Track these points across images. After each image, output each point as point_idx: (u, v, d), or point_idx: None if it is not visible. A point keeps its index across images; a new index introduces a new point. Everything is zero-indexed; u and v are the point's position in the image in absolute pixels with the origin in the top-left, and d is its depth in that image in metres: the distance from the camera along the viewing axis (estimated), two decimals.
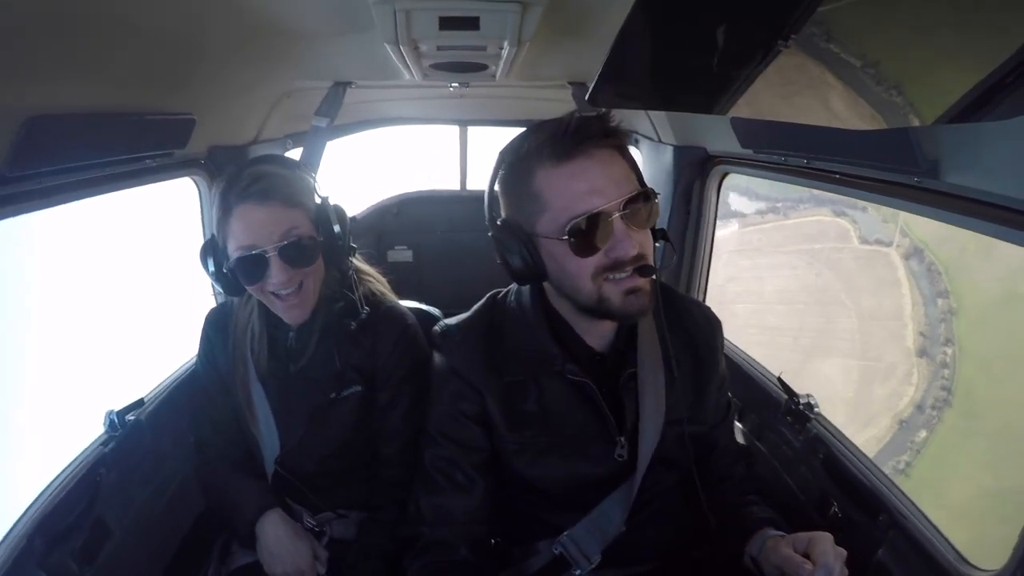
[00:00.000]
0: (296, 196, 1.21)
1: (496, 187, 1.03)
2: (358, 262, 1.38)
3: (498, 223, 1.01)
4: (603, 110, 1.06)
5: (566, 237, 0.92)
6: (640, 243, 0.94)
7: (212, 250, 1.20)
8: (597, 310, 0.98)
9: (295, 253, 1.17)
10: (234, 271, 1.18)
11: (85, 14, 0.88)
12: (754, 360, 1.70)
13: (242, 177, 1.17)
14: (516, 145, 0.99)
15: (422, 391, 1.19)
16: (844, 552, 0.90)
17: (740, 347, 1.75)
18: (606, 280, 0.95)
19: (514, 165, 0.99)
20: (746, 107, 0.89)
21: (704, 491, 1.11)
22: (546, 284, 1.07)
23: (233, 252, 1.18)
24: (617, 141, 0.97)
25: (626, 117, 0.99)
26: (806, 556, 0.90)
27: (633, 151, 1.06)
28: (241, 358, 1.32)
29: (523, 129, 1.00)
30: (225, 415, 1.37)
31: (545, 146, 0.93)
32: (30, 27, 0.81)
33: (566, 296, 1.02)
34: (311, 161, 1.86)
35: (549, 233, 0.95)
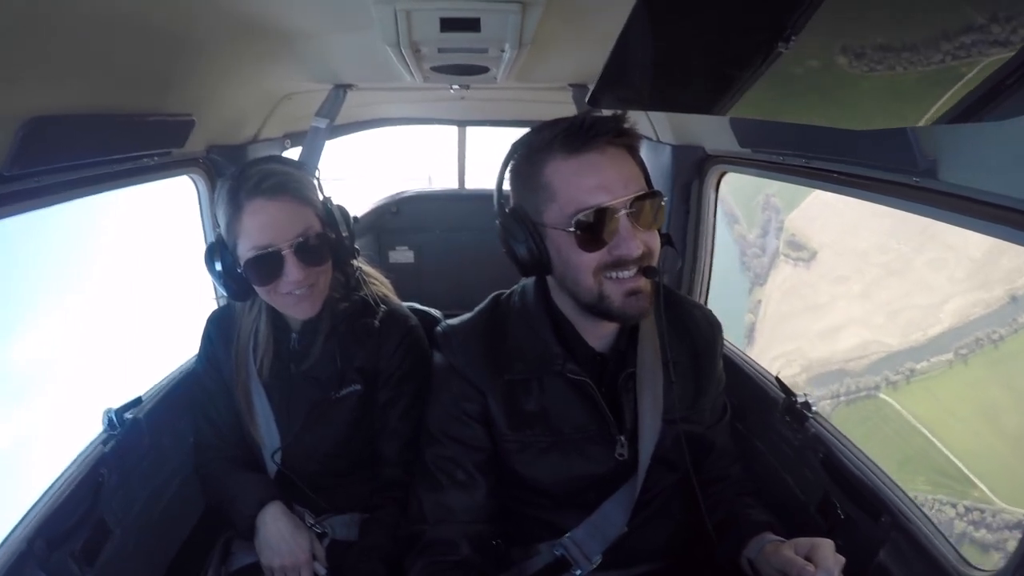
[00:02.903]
0: (306, 193, 1.20)
1: (506, 177, 1.04)
2: (362, 264, 1.38)
3: (506, 211, 1.02)
4: (603, 112, 1.06)
5: (572, 229, 0.93)
6: (645, 243, 0.95)
7: (219, 252, 1.18)
8: (597, 308, 0.98)
9: (310, 251, 1.16)
10: (246, 272, 1.16)
11: (85, 15, 0.88)
12: (753, 360, 1.70)
13: (251, 175, 1.16)
14: (529, 137, 1.01)
15: (422, 391, 1.19)
16: (843, 559, 0.90)
17: (739, 348, 1.76)
18: (607, 278, 0.95)
19: (526, 156, 1.00)
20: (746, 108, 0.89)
21: (702, 491, 1.11)
22: (550, 281, 1.08)
23: (246, 252, 1.15)
24: (629, 141, 0.98)
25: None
26: (807, 560, 0.90)
27: None
28: (243, 362, 1.31)
29: (524, 130, 1.02)
30: (225, 417, 1.37)
31: (558, 139, 0.95)
32: (30, 28, 0.81)
33: (568, 292, 1.02)
34: (310, 161, 1.86)
35: (556, 224, 0.96)
